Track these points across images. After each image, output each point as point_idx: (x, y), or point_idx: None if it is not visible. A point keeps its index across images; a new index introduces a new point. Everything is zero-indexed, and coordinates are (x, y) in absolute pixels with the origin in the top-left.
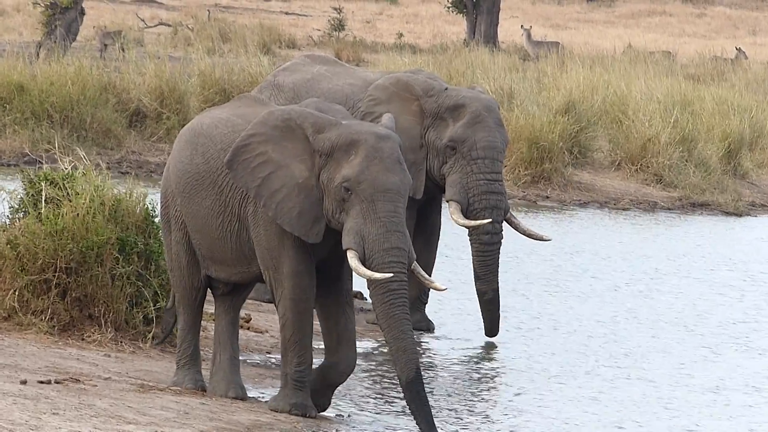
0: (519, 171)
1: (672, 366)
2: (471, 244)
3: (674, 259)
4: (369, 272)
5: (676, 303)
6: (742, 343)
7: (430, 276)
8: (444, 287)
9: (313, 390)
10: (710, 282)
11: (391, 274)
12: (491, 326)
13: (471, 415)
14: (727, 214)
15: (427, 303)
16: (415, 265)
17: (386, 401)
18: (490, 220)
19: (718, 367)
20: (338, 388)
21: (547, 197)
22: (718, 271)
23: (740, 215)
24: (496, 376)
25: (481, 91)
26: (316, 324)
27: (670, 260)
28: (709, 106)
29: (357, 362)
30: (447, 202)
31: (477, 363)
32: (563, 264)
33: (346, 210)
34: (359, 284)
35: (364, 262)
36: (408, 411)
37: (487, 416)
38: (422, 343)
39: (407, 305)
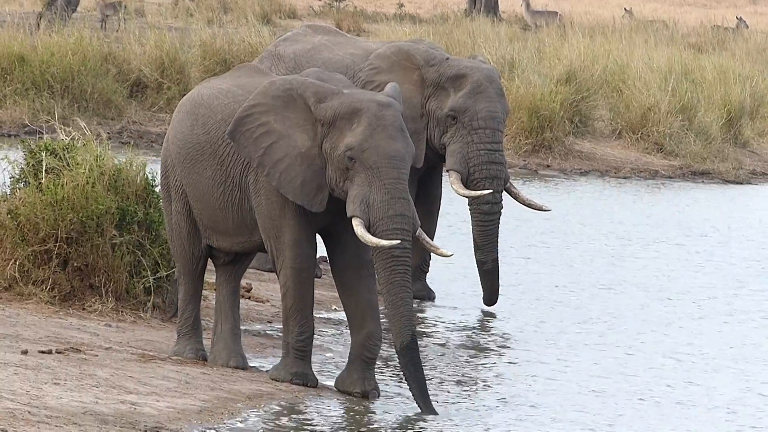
0: (520, 140)
1: (661, 333)
2: (471, 213)
3: (674, 227)
4: (374, 239)
5: (671, 271)
6: (723, 311)
7: None
8: (450, 253)
9: (356, 378)
10: (706, 250)
11: (397, 241)
12: (490, 295)
13: (462, 384)
14: (728, 182)
15: (428, 272)
16: (420, 232)
17: (391, 375)
18: (490, 190)
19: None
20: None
21: (548, 166)
22: (715, 239)
23: (741, 183)
24: (490, 345)
25: (482, 60)
26: (318, 293)
27: (669, 228)
28: (710, 75)
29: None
30: (447, 171)
31: (473, 332)
32: (564, 233)
33: (349, 178)
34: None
35: (368, 228)
36: (403, 378)
37: (478, 384)
38: (421, 312)
39: (409, 272)
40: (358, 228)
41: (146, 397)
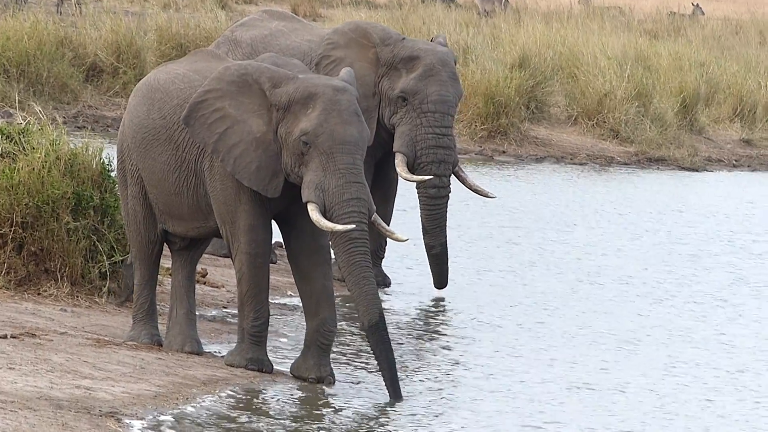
0: (475, 126)
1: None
2: (419, 197)
3: (626, 213)
4: (330, 224)
5: (621, 257)
6: (657, 297)
7: None
8: (405, 237)
9: (312, 364)
10: (656, 236)
11: (353, 226)
12: (439, 279)
13: (416, 370)
14: (683, 168)
15: (383, 257)
16: (375, 217)
17: (345, 360)
18: (431, 176)
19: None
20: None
21: (504, 152)
22: (667, 225)
23: (696, 170)
24: (443, 331)
25: (442, 42)
26: (274, 278)
27: (622, 215)
28: (666, 62)
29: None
30: (394, 152)
31: (427, 317)
32: (517, 218)
33: (305, 163)
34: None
35: (324, 214)
36: (359, 364)
37: (431, 370)
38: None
39: (369, 253)
40: (314, 213)
41: (101, 382)
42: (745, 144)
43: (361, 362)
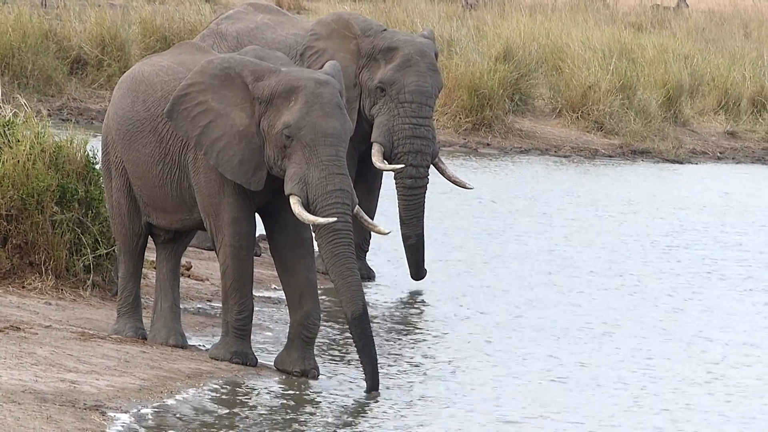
0: (460, 118)
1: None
2: (396, 188)
3: (608, 205)
4: (312, 217)
5: (600, 250)
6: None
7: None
8: (387, 230)
9: (296, 357)
10: (639, 229)
11: (334, 219)
12: (416, 270)
13: (397, 362)
14: (668, 161)
15: (368, 251)
16: (358, 209)
17: (329, 354)
18: (403, 165)
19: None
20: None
21: (488, 144)
22: (650, 217)
23: (681, 162)
24: (424, 322)
25: (427, 35)
26: (258, 271)
27: (604, 207)
28: (650, 54)
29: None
30: (372, 143)
31: (407, 309)
32: (499, 210)
33: (287, 156)
34: None
35: (307, 207)
36: (343, 358)
37: (413, 364)
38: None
39: (352, 245)
40: (296, 206)
41: (86, 376)
42: (730, 136)
43: (345, 355)
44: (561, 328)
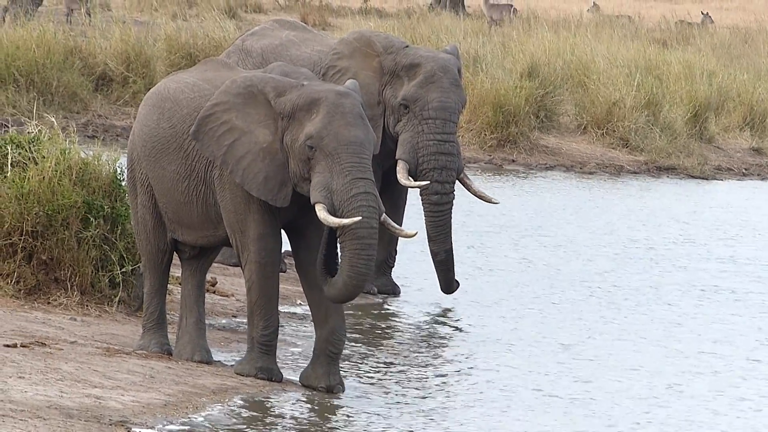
0: (485, 135)
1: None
2: (422, 204)
3: (638, 222)
4: (337, 219)
5: (627, 266)
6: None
7: (396, 242)
8: (413, 232)
9: (321, 373)
10: (664, 245)
11: (359, 218)
12: (446, 285)
13: (426, 378)
14: (693, 177)
15: (393, 267)
16: (385, 217)
17: (355, 369)
18: (428, 182)
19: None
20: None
21: (513, 161)
22: (675, 234)
23: (706, 179)
24: (457, 339)
25: (451, 51)
26: (283, 287)
27: (633, 224)
28: (675, 70)
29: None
30: (397, 160)
31: (436, 327)
32: (526, 227)
33: (312, 168)
34: None
35: (333, 214)
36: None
37: (443, 379)
38: (387, 307)
39: (373, 258)
40: (321, 212)
41: (111, 391)
42: (755, 153)
43: (370, 371)
44: (590, 344)
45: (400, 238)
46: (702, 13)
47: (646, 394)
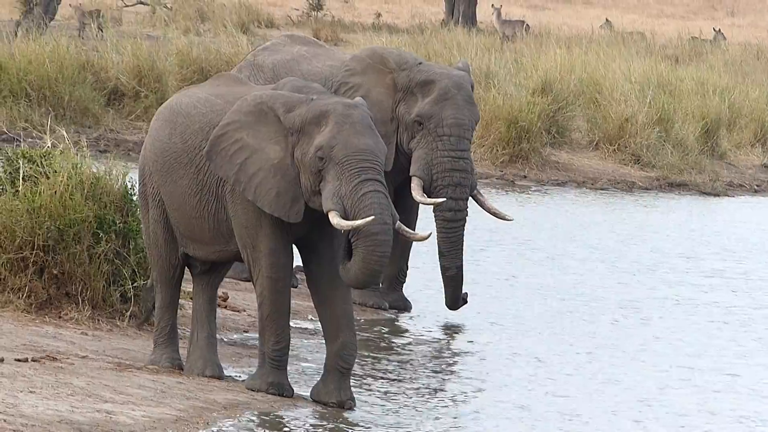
0: (497, 150)
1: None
2: (435, 220)
3: (648, 238)
4: (349, 222)
5: (643, 284)
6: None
7: (407, 258)
8: (427, 233)
9: (332, 388)
10: (676, 262)
11: (372, 217)
12: (452, 301)
13: (438, 394)
14: (705, 194)
15: (404, 282)
16: (399, 224)
17: (366, 385)
18: (444, 199)
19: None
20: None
21: (525, 177)
22: (686, 251)
23: (717, 195)
24: (468, 355)
25: (462, 67)
26: (295, 302)
27: (643, 239)
28: (688, 87)
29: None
30: (411, 177)
31: (451, 341)
32: (537, 242)
33: (323, 179)
34: None
35: (346, 218)
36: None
37: (453, 394)
38: (399, 323)
39: (386, 257)
40: (334, 219)
41: (122, 406)
42: (767, 169)
43: (381, 386)
44: (597, 360)
45: (410, 255)
46: (714, 30)
47: (671, 422)
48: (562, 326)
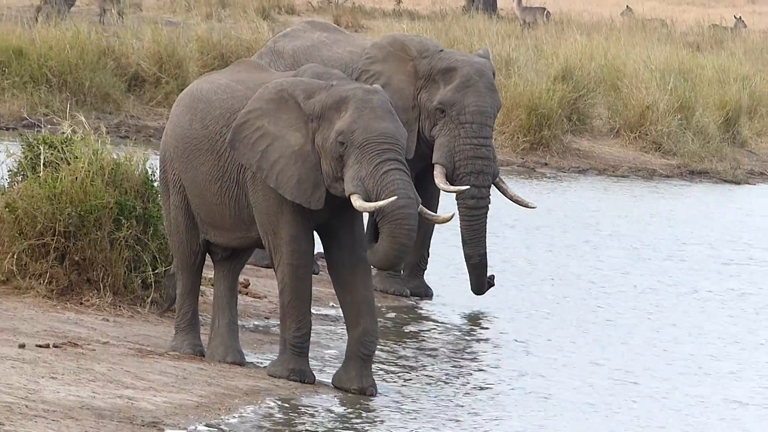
0: (518, 138)
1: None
2: (458, 208)
3: (668, 225)
4: (373, 204)
5: (658, 270)
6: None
7: (429, 245)
8: (450, 215)
9: (354, 375)
10: (696, 249)
11: (395, 196)
12: (477, 287)
13: (458, 381)
14: (726, 181)
15: (425, 269)
16: (421, 207)
17: (387, 371)
18: (467, 186)
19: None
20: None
21: (546, 164)
22: (707, 238)
23: (738, 183)
24: (489, 341)
25: (482, 54)
26: (316, 289)
27: (664, 227)
28: (708, 74)
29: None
30: (433, 164)
31: (468, 329)
32: (557, 229)
33: (344, 164)
34: None
35: (368, 200)
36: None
37: (474, 381)
38: (420, 310)
39: (414, 228)
40: (357, 201)
41: (143, 392)
42: None
43: (402, 372)
44: (619, 345)
45: (431, 242)
46: (735, 17)
47: (692, 410)
48: (580, 314)
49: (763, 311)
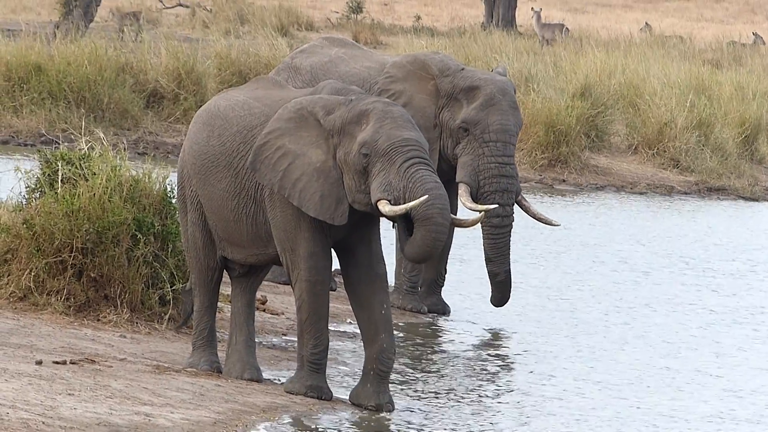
0: (536, 154)
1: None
2: (482, 226)
3: (687, 242)
4: (402, 206)
5: (682, 287)
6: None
7: (446, 262)
8: (477, 216)
9: (371, 392)
10: (713, 266)
11: (425, 197)
12: (499, 302)
13: (476, 398)
14: (744, 198)
15: (443, 286)
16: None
17: (404, 388)
18: (496, 205)
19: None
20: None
21: (564, 181)
22: (724, 255)
23: (757, 200)
24: (506, 358)
25: (501, 72)
26: (333, 306)
27: (682, 244)
28: (727, 91)
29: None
30: (457, 183)
31: (486, 346)
32: (576, 246)
33: (369, 175)
34: None
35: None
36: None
37: (491, 397)
38: (437, 327)
39: (447, 208)
40: (385, 207)
41: (160, 409)
42: None
43: (419, 389)
44: (642, 363)
45: (449, 259)
46: (753, 34)
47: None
48: (596, 329)
49: None
